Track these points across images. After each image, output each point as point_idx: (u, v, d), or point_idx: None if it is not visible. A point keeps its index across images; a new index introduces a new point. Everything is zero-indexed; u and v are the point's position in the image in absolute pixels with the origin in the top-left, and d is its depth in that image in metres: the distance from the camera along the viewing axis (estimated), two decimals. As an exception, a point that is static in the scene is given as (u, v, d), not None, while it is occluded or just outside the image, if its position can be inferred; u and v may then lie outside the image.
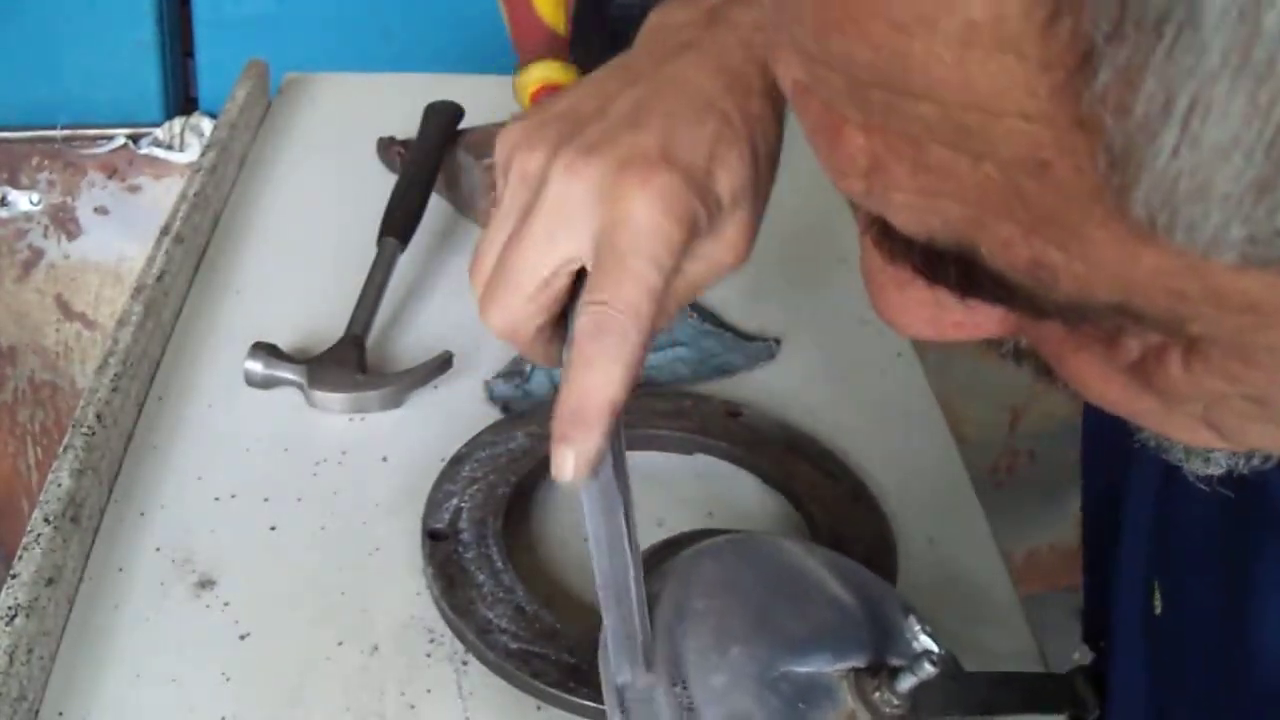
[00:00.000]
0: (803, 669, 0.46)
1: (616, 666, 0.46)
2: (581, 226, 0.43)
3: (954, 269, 0.25)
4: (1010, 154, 0.21)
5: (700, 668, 0.46)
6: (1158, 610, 0.51)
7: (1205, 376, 0.24)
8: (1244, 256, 0.20)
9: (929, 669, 0.44)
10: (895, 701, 0.45)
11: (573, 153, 0.43)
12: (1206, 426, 0.27)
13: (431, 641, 0.57)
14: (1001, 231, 0.23)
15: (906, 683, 0.45)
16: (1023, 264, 0.23)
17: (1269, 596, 0.43)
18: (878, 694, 0.45)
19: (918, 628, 0.45)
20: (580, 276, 0.45)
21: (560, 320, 0.46)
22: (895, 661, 0.47)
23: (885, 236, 0.27)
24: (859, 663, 0.47)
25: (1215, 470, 0.33)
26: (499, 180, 0.46)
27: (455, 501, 0.62)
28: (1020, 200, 0.22)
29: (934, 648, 0.44)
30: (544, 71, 0.85)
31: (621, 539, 0.45)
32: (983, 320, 0.29)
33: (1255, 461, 0.32)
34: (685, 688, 0.45)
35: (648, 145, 0.43)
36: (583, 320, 0.43)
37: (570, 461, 0.42)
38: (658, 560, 0.52)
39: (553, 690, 0.53)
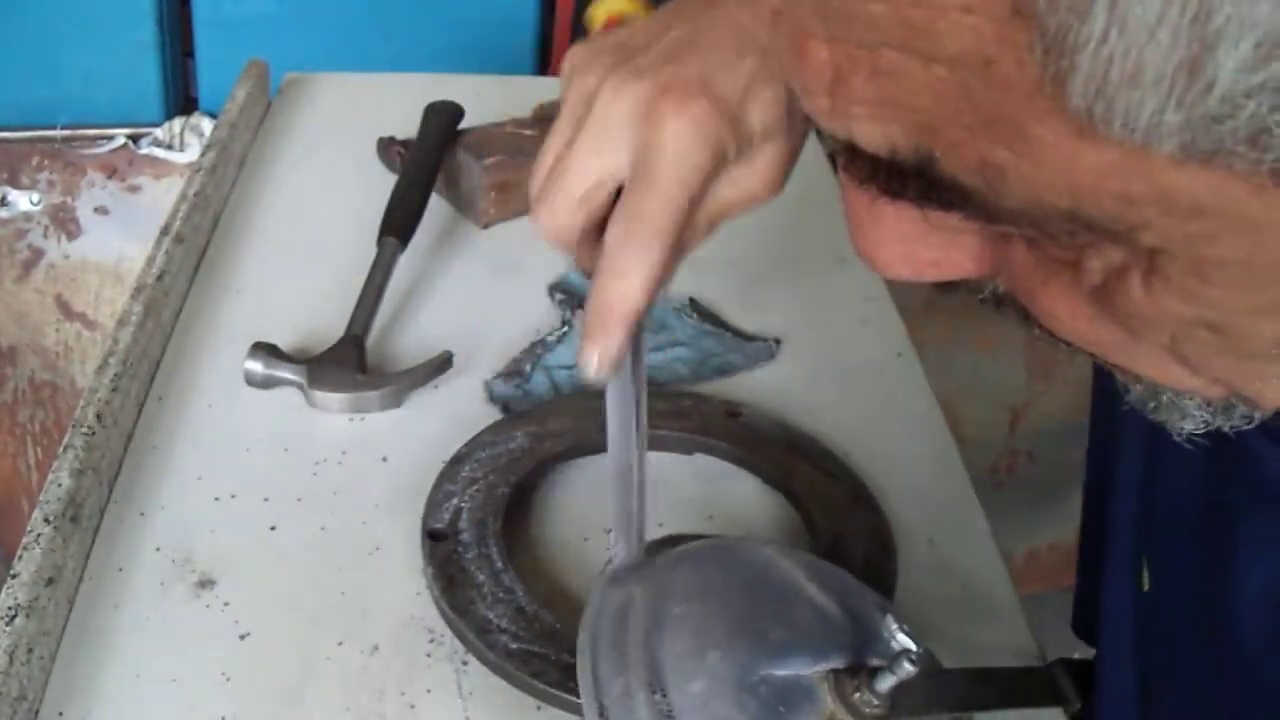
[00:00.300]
0: (782, 672, 0.46)
1: (614, 543, 0.51)
2: (622, 143, 0.47)
3: (914, 183, 0.27)
4: (956, 50, 0.22)
5: (679, 674, 0.45)
6: (1145, 587, 0.51)
7: (1165, 297, 0.25)
8: (1182, 147, 0.21)
9: (908, 668, 0.44)
10: (875, 702, 0.45)
11: (620, 77, 0.47)
12: (1174, 359, 0.28)
13: (431, 641, 0.57)
14: (953, 135, 0.24)
15: (886, 682, 0.45)
16: (973, 165, 0.24)
17: (1250, 559, 0.44)
18: (857, 695, 0.45)
19: (895, 626, 0.45)
20: (620, 192, 0.49)
21: (602, 229, 0.50)
22: (874, 662, 0.47)
23: (853, 160, 0.28)
24: (838, 664, 0.47)
25: (1193, 426, 0.34)
26: (562, 94, 0.51)
27: (455, 501, 0.62)
28: (968, 101, 0.23)
29: (912, 646, 0.44)
30: (614, 4, 0.88)
31: (631, 428, 0.50)
32: (958, 258, 0.31)
33: (1236, 419, 0.33)
34: (664, 695, 0.45)
35: (687, 75, 0.46)
36: (612, 232, 0.47)
37: (595, 360, 0.47)
38: (635, 567, 0.52)
39: (553, 690, 0.53)
